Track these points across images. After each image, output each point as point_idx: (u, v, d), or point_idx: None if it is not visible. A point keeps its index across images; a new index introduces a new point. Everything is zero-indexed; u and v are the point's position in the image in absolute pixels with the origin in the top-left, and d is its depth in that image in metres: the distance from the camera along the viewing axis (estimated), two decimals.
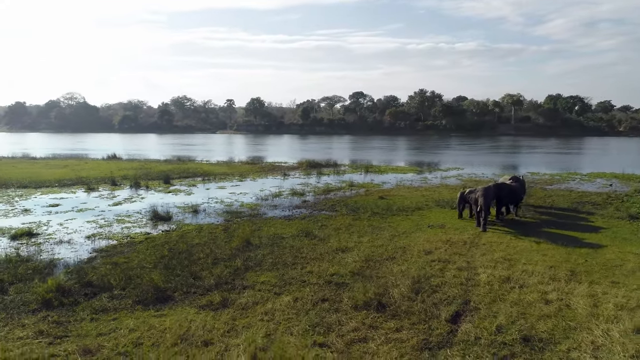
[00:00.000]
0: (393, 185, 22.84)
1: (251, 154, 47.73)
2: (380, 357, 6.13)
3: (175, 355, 6.03)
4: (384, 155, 46.76)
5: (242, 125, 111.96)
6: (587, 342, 6.53)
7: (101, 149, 49.40)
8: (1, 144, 67.78)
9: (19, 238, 12.56)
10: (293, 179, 25.60)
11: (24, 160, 35.03)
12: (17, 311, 7.60)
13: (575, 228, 13.48)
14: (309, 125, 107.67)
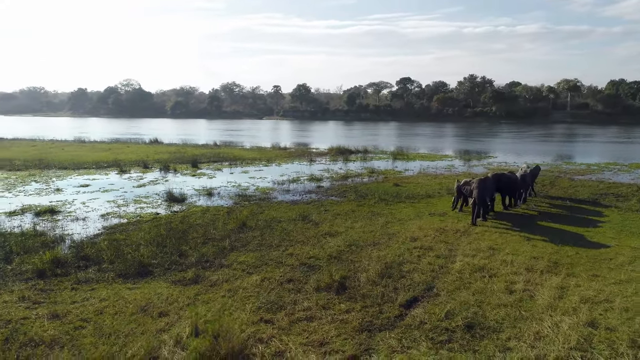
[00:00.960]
0: (415, 173, 22.67)
1: (290, 140, 48.36)
2: (317, 335, 6.39)
3: (128, 324, 6.57)
4: (424, 143, 45.97)
5: (288, 111, 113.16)
6: (531, 332, 6.49)
7: (148, 134, 51.69)
8: (62, 128, 72.19)
9: (42, 215, 13.68)
10: (318, 165, 25.92)
11: (74, 143, 37.37)
12: (13, 279, 8.44)
13: (579, 220, 13.01)
14: (354, 112, 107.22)
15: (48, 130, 60.89)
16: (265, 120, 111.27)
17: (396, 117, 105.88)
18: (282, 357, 5.77)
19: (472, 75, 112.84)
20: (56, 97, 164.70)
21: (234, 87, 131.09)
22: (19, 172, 21.91)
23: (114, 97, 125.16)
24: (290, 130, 75.01)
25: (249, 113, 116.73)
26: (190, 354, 5.55)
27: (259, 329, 6.53)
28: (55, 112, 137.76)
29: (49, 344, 5.94)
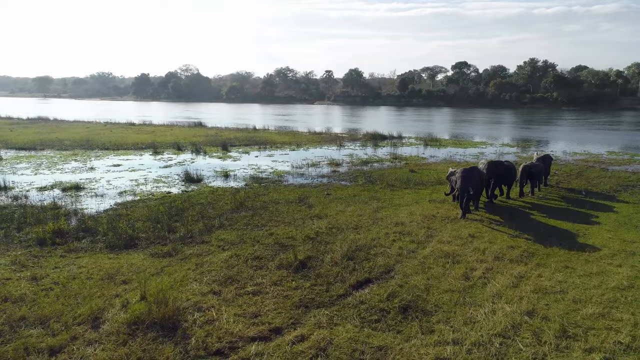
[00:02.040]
0: (438, 160, 22.35)
1: (335, 125, 48.53)
2: (254, 307, 6.80)
3: (92, 288, 7.29)
4: (469, 129, 44.65)
5: (339, 96, 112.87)
6: (462, 317, 6.57)
7: (198, 117, 53.67)
8: (121, 111, 76.22)
9: (67, 190, 14.94)
10: (346, 150, 26.09)
11: (124, 126, 39.62)
12: (16, 245, 9.46)
13: (581, 212, 12.50)
14: (406, 97, 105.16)
15: (109, 113, 64.53)
16: (316, 105, 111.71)
17: (449, 102, 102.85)
18: (211, 324, 6.24)
19: (533, 59, 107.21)
20: (123, 82, 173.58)
21: (288, 72, 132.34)
22: (65, 152, 23.75)
23: (174, 82, 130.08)
24: (337, 115, 75.01)
25: (301, 98, 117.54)
26: (127, 316, 6.15)
27: (204, 299, 7.04)
28: (121, 96, 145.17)
29: (15, 300, 6.75)
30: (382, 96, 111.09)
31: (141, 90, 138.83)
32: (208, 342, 5.75)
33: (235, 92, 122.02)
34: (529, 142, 31.74)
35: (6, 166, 19.38)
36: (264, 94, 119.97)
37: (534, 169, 14.24)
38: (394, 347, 5.80)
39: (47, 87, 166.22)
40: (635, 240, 9.98)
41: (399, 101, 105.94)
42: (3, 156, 21.94)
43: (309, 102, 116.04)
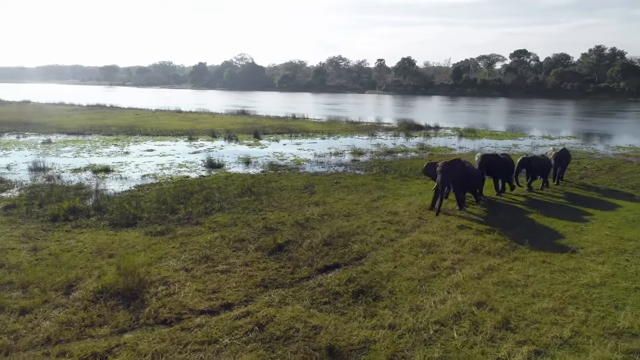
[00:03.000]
0: (467, 152, 21.90)
1: (377, 114, 48.32)
2: (215, 284, 7.28)
3: (80, 260, 8.04)
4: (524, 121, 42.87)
5: (390, 85, 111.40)
6: (409, 304, 6.72)
7: (245, 106, 55.05)
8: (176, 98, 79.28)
9: (97, 172, 16.11)
10: (376, 139, 26.10)
11: (170, 113, 41.43)
12: (32, 220, 10.47)
13: (587, 209, 12.02)
14: (459, 87, 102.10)
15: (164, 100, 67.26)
16: (366, 94, 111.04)
17: (505, 92, 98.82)
18: (169, 297, 6.78)
19: (599, 47, 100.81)
20: (182, 70, 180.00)
21: (340, 60, 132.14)
22: (108, 137, 25.37)
23: (229, 71, 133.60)
24: (385, 105, 74.33)
25: (352, 87, 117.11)
26: (96, 285, 6.81)
27: (174, 275, 7.60)
28: (180, 85, 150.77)
29: (10, 267, 7.60)
30: (435, 85, 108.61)
31: (198, 78, 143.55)
32: (159, 312, 6.28)
33: (287, 81, 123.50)
34: (586, 135, 30.28)
35: (52, 149, 21.05)
36: (315, 83, 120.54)
37: (533, 162, 13.71)
38: (329, 327, 6.08)
39: (113, 76, 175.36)
40: (633, 238, 9.57)
41: (452, 91, 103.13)
42: (53, 140, 23.78)
43: (360, 91, 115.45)
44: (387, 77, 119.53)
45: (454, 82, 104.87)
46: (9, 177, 14.98)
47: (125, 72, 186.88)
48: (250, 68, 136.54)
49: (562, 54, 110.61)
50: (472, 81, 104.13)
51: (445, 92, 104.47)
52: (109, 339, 5.56)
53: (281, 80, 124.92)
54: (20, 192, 13.03)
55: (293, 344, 5.68)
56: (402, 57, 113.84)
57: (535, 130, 32.98)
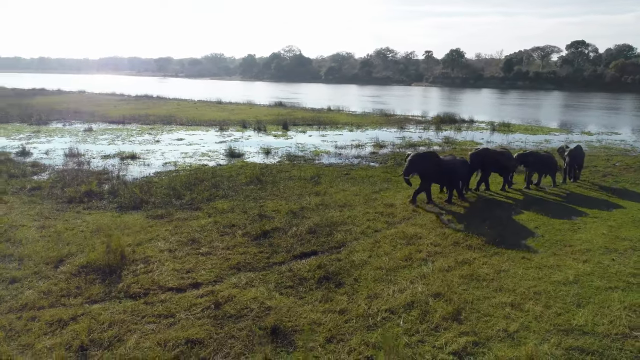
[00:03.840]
0: (492, 146, 21.42)
1: (416, 107, 47.74)
2: (191, 265, 7.74)
3: (78, 238, 8.74)
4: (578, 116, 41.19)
5: (437, 77, 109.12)
6: (368, 292, 6.91)
7: (287, 97, 55.81)
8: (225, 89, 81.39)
9: (124, 159, 17.10)
10: (404, 132, 25.97)
11: (210, 104, 42.73)
12: (50, 201, 11.38)
13: (585, 209, 11.63)
14: (510, 79, 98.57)
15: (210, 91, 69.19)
16: (413, 86, 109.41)
17: (560, 85, 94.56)
18: (145, 274, 7.31)
19: None
20: (233, 62, 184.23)
21: (388, 52, 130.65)
22: (145, 126, 26.66)
23: (276, 63, 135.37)
24: (429, 97, 73.03)
25: (399, 79, 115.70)
26: (81, 261, 7.45)
27: (157, 254, 8.14)
28: (230, 76, 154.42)
29: (15, 242, 8.40)
30: (484, 78, 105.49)
31: (247, 70, 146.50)
32: (131, 287, 6.82)
33: (333, 73, 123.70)
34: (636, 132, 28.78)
35: (91, 137, 22.43)
36: (361, 74, 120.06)
37: (530, 158, 13.31)
38: (282, 308, 6.39)
39: (167, 67, 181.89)
40: (629, 238, 9.25)
41: (502, 83, 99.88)
42: (94, 128, 25.30)
43: (406, 83, 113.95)
44: (435, 69, 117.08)
45: (505, 74, 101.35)
46: (45, 162, 16.20)
47: (178, 63, 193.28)
48: (297, 60, 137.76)
49: (624, 44, 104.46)
50: (524, 74, 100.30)
51: (495, 84, 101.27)
52: (77, 308, 6.13)
53: (327, 72, 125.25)
54: (50, 175, 14.12)
55: (242, 322, 6.04)
56: (451, 49, 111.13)
57: (591, 126, 31.52)
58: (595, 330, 5.93)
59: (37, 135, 22.56)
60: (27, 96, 48.68)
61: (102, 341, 5.42)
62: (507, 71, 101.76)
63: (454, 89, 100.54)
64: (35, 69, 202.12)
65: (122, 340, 5.46)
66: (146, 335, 5.58)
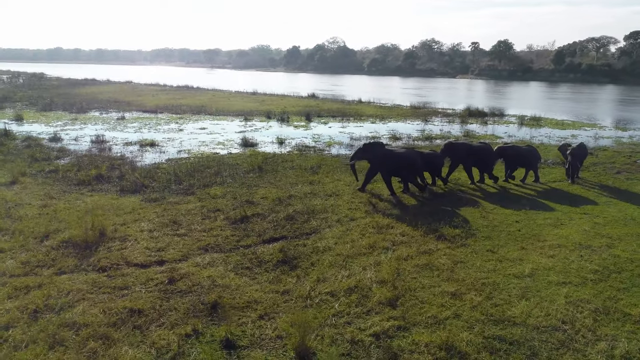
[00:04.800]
0: (513, 140, 20.95)
1: (450, 100, 46.84)
2: (163, 244, 8.28)
3: (71, 217, 9.49)
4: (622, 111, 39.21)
5: (483, 70, 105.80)
6: (318, 276, 7.20)
7: (322, 89, 56.11)
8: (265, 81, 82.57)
9: (144, 146, 18.03)
10: (427, 125, 25.73)
11: (244, 95, 43.69)
12: (61, 183, 12.29)
13: (588, 203, 11.30)
14: (561, 72, 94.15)
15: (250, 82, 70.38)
16: (457, 79, 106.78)
17: (615, 79, 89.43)
18: (118, 251, 7.91)
19: None
20: (279, 54, 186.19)
21: (433, 44, 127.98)
22: (175, 115, 27.76)
23: (320, 54, 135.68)
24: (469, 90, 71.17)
25: (443, 71, 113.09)
26: (63, 237, 8.15)
27: (136, 234, 8.73)
28: (275, 68, 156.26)
29: (15, 218, 9.25)
30: (533, 70, 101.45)
31: (292, 62, 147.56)
32: (100, 262, 7.43)
33: (376, 65, 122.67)
34: None
35: (121, 125, 23.67)
36: (405, 66, 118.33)
37: (509, 151, 13.11)
38: (230, 286, 6.80)
39: (215, 59, 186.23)
40: (610, 235, 9.03)
41: (552, 76, 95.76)
42: (127, 117, 26.62)
43: (451, 75, 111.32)
44: (481, 61, 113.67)
45: (555, 66, 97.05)
46: (71, 147, 17.37)
47: (226, 55, 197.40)
48: (341, 51, 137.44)
49: None
50: (576, 66, 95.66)
51: (544, 77, 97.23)
52: (45, 278, 6.79)
53: (370, 63, 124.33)
54: (70, 159, 15.17)
55: (188, 297, 6.49)
56: (499, 40, 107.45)
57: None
58: (527, 322, 5.98)
59: (73, 122, 24.05)
60: (77, 86, 51.57)
61: (55, 307, 6.01)
62: (558, 63, 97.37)
63: (500, 81, 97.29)
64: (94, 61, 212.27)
65: (73, 306, 6.04)
66: (96, 304, 6.13)
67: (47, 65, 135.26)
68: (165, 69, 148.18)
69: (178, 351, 5.21)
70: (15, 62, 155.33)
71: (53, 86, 50.30)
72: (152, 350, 5.23)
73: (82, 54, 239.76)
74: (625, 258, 7.99)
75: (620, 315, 6.19)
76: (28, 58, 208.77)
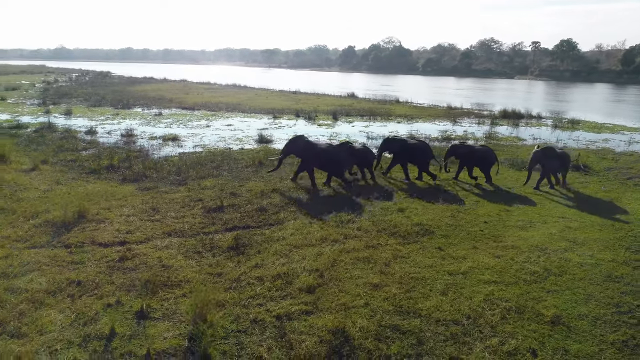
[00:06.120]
0: (541, 141, 20.30)
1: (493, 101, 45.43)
2: (134, 227, 9.03)
3: (67, 200, 10.49)
4: None
5: (544, 70, 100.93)
6: (257, 262, 7.65)
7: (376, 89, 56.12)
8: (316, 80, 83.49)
9: (166, 140, 19.18)
10: (452, 126, 25.36)
11: (285, 93, 44.65)
12: (74, 171, 13.46)
13: (575, 207, 10.93)
14: (629, 73, 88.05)
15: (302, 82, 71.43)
16: (516, 79, 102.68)
17: None
18: (91, 232, 8.74)
19: None
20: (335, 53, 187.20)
21: (492, 43, 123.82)
22: (208, 112, 29.05)
23: (374, 54, 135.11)
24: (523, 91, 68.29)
25: (500, 72, 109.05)
26: (48, 217, 9.11)
27: (115, 217, 9.55)
28: (330, 68, 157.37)
29: (16, 199, 10.38)
30: (599, 71, 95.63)
31: (346, 62, 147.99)
32: (69, 239, 8.28)
33: (431, 65, 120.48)
34: None
35: (156, 120, 25.16)
36: (461, 66, 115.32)
37: (461, 150, 13.14)
38: (172, 267, 7.40)
39: (273, 59, 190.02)
40: (575, 240, 8.82)
41: (619, 77, 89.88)
42: (164, 113, 28.19)
43: (509, 76, 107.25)
44: (543, 62, 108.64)
45: (623, 67, 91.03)
46: (101, 140, 18.82)
47: (283, 55, 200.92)
48: (396, 51, 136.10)
49: None
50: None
51: (611, 79, 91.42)
52: (14, 250, 7.71)
53: (425, 63, 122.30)
54: (95, 151, 16.50)
55: (130, 274, 7.15)
56: (561, 39, 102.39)
57: None
58: (431, 315, 6.13)
59: (114, 117, 25.84)
60: (134, 83, 54.79)
61: (10, 274, 6.86)
62: (626, 64, 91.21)
63: (562, 82, 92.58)
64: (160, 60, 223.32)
65: (25, 275, 6.87)
66: (45, 274, 6.93)
67: (117, 65, 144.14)
68: (225, 68, 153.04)
69: (92, 317, 5.86)
70: (89, 62, 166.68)
71: (113, 84, 53.80)
72: (72, 315, 5.91)
73: (150, 53, 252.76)
74: (576, 262, 7.84)
75: (533, 315, 6.19)
76: (101, 57, 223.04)
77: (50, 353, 5.11)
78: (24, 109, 28.58)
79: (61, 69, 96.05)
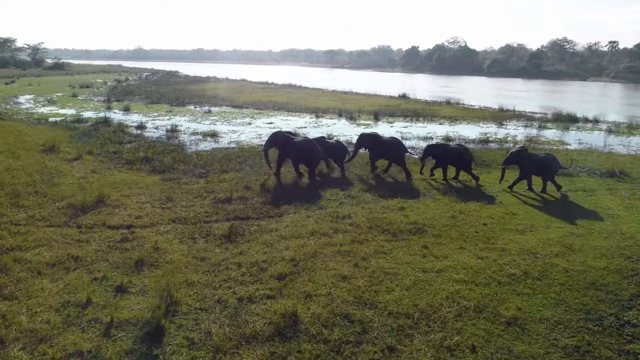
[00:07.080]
0: (582, 147, 19.37)
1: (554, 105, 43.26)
2: (144, 213, 9.80)
3: (91, 186, 11.50)
4: None
5: (621, 72, 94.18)
6: (242, 249, 8.12)
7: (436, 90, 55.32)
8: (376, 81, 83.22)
9: (205, 136, 20.21)
10: (495, 129, 24.66)
11: (335, 93, 45.06)
12: (113, 162, 14.61)
13: (582, 215, 10.46)
14: None
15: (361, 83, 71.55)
16: (589, 82, 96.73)
17: None
18: (105, 215, 9.61)
19: None
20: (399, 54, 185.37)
21: (565, 43, 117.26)
22: (255, 111, 30.06)
23: (438, 55, 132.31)
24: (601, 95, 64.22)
25: (572, 73, 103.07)
26: (69, 201, 10.11)
27: (131, 204, 10.38)
28: (393, 68, 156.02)
29: (52, 184, 11.52)
30: None
31: (409, 62, 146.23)
32: (84, 221, 9.16)
33: (497, 66, 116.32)
34: None
35: (203, 117, 26.45)
36: (528, 68, 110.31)
37: (438, 150, 13.27)
38: (165, 250, 8.03)
39: (336, 59, 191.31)
40: (570, 246, 8.54)
41: None
42: (213, 111, 29.54)
43: (582, 78, 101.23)
44: (621, 63, 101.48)
45: None
46: (147, 134, 20.19)
47: (347, 55, 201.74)
48: (461, 51, 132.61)
49: None
50: None
51: None
52: (34, 227, 8.68)
53: (490, 64, 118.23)
54: (137, 144, 17.77)
55: (126, 253, 7.86)
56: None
57: None
58: (386, 307, 6.30)
59: (166, 114, 27.44)
60: (195, 82, 57.51)
61: (23, 247, 7.78)
62: None
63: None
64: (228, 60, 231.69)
65: (35, 249, 7.76)
66: (52, 249, 7.79)
67: (187, 64, 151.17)
68: (289, 68, 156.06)
69: (74, 286, 6.57)
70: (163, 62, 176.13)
71: (176, 82, 56.81)
72: (61, 285, 6.66)
73: (219, 54, 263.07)
74: (562, 267, 7.64)
75: (490, 315, 6.19)
76: (175, 58, 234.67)
77: (30, 315, 5.84)
78: (89, 105, 31.04)
79: (135, 68, 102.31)
